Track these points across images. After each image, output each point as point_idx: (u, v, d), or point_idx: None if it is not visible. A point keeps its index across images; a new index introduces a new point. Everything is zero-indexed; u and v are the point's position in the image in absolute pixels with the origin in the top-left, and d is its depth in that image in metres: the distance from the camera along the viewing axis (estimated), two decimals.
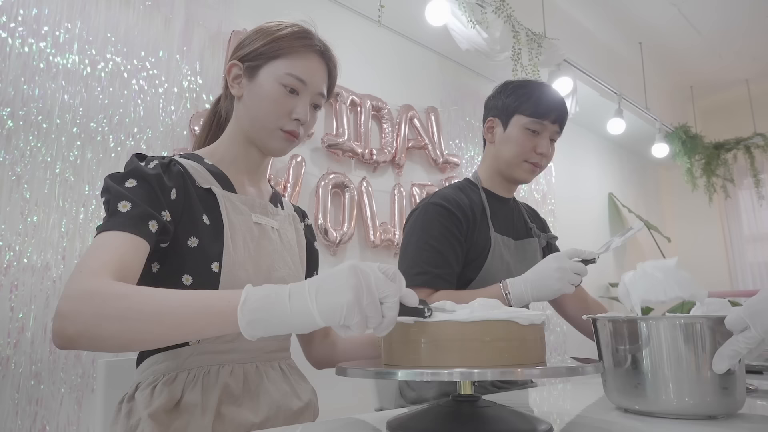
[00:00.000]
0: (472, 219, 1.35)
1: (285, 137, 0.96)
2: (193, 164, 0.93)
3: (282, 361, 0.98)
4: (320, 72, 0.98)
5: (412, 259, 1.29)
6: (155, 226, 0.78)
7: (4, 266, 1.59)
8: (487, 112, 1.48)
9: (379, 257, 2.69)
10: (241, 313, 0.60)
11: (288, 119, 0.95)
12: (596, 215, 4.56)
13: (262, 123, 0.95)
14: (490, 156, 1.46)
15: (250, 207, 0.97)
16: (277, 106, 0.94)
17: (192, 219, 0.87)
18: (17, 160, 1.65)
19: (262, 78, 0.95)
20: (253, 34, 0.99)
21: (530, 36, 3.07)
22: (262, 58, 0.95)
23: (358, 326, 0.58)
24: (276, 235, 1.00)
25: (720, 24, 4.20)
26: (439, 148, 3.06)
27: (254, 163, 1.02)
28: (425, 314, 0.64)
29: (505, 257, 1.38)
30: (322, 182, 2.48)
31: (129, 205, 0.77)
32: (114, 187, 0.80)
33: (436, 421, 0.67)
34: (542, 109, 1.37)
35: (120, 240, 0.74)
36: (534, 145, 1.38)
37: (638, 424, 0.72)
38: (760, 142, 4.86)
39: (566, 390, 1.12)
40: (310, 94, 0.97)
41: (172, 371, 0.85)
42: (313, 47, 0.98)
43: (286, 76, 0.94)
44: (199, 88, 2.14)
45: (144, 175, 0.82)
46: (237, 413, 0.84)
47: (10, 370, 1.54)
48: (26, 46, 1.72)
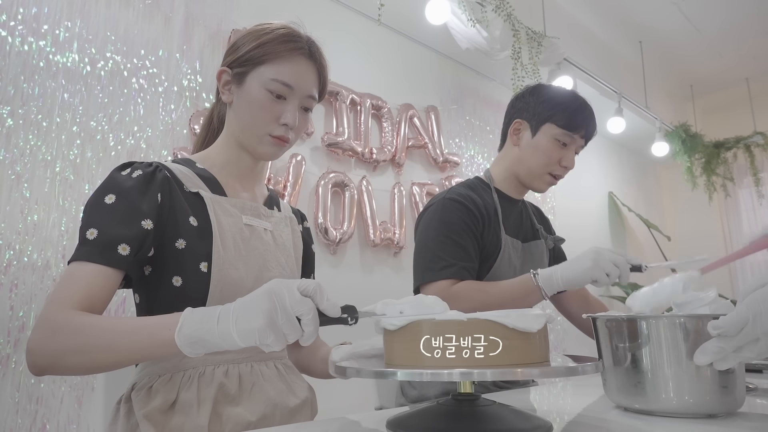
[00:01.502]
0: (486, 218, 1.33)
1: (274, 142, 0.96)
2: (182, 169, 0.94)
3: (277, 361, 0.99)
4: (308, 75, 0.97)
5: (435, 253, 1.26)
6: (126, 249, 0.80)
7: (4, 265, 1.59)
8: (514, 113, 1.43)
9: (378, 256, 2.69)
10: (178, 339, 0.66)
11: (276, 124, 0.95)
12: (596, 214, 4.56)
13: (250, 129, 0.96)
14: (511, 158, 1.41)
15: (240, 209, 0.97)
16: (264, 112, 0.94)
17: (178, 222, 0.88)
18: (17, 158, 1.65)
19: (249, 84, 0.95)
20: (242, 38, 0.99)
21: (530, 35, 3.07)
22: (249, 64, 0.95)
23: (276, 344, 0.64)
24: (269, 236, 1.00)
25: (720, 23, 4.20)
26: (439, 147, 3.06)
27: (247, 167, 1.02)
28: (349, 322, 0.67)
29: (513, 260, 1.36)
30: (321, 181, 2.48)
31: (95, 232, 0.79)
32: (87, 211, 0.83)
33: (436, 420, 0.67)
34: (577, 122, 1.33)
35: (87, 270, 0.78)
36: (560, 157, 1.35)
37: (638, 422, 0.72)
38: (760, 140, 4.86)
39: (566, 389, 1.12)
40: (298, 98, 0.96)
41: (168, 372, 0.86)
42: (300, 50, 0.96)
43: (272, 82, 0.93)
44: (199, 87, 2.14)
45: (122, 187, 0.84)
46: (233, 412, 0.85)
47: (10, 368, 1.54)
48: (26, 44, 1.72)
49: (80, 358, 0.71)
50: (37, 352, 0.73)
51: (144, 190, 0.85)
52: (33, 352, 0.73)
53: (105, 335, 0.71)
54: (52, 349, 0.72)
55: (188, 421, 0.81)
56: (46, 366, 0.73)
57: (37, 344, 0.73)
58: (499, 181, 1.44)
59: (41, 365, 0.73)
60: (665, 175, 5.68)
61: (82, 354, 0.71)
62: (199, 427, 0.81)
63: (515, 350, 0.64)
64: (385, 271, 2.70)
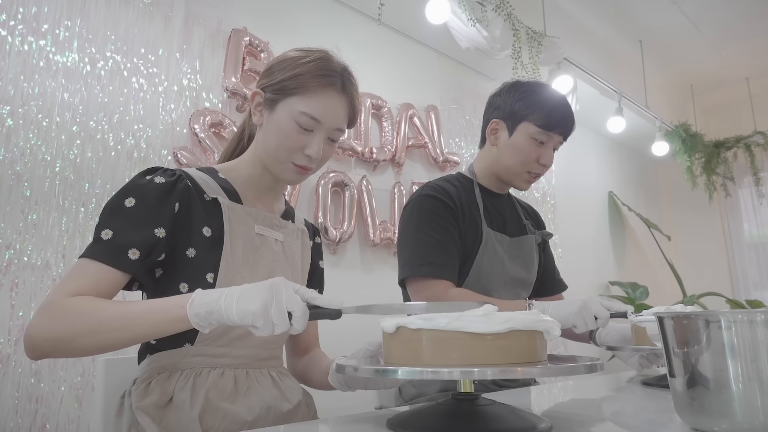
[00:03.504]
0: (462, 210, 1.35)
1: (296, 170, 0.99)
2: (204, 177, 0.97)
3: (272, 369, 1.01)
4: (339, 109, 0.99)
5: (413, 251, 1.30)
6: (136, 254, 0.83)
7: (5, 265, 1.58)
8: (491, 112, 1.44)
9: (378, 255, 2.69)
10: (190, 311, 0.73)
11: (300, 154, 0.97)
12: (596, 214, 4.56)
13: (275, 155, 0.98)
14: (490, 157, 1.44)
15: (253, 218, 1.00)
16: (289, 141, 0.96)
17: (192, 232, 0.91)
18: (17, 158, 1.65)
19: (279, 112, 0.97)
20: (278, 63, 1.00)
21: (530, 34, 3.07)
22: (281, 93, 0.97)
23: (264, 329, 0.71)
24: (279, 246, 1.04)
25: (720, 22, 4.20)
26: (439, 146, 3.06)
27: (268, 185, 1.05)
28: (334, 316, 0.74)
29: (498, 252, 1.37)
30: (321, 181, 2.48)
31: (110, 233, 0.83)
32: (106, 210, 0.86)
33: (436, 420, 0.67)
34: (553, 121, 1.34)
35: (96, 268, 0.81)
36: (538, 155, 1.36)
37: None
38: (760, 140, 4.85)
39: (567, 388, 1.12)
40: (325, 131, 0.98)
41: (167, 370, 0.89)
42: (332, 85, 0.97)
43: (301, 115, 0.95)
44: (198, 87, 2.14)
45: (143, 192, 0.87)
46: (229, 408, 0.87)
47: (10, 368, 1.54)
48: (26, 44, 1.72)
49: (92, 339, 0.75)
50: (40, 336, 0.75)
51: (163, 198, 0.88)
52: (35, 337, 0.75)
53: (119, 315, 0.75)
54: (60, 332, 0.74)
55: (183, 415, 0.84)
56: (50, 349, 0.76)
57: (41, 329, 0.75)
58: (482, 177, 1.46)
59: (45, 349, 0.76)
60: (665, 174, 5.68)
61: (95, 334, 0.74)
62: (192, 420, 0.83)
63: (516, 350, 0.64)
64: (385, 270, 2.70)
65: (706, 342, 0.61)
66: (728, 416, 0.59)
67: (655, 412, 0.84)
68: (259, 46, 2.29)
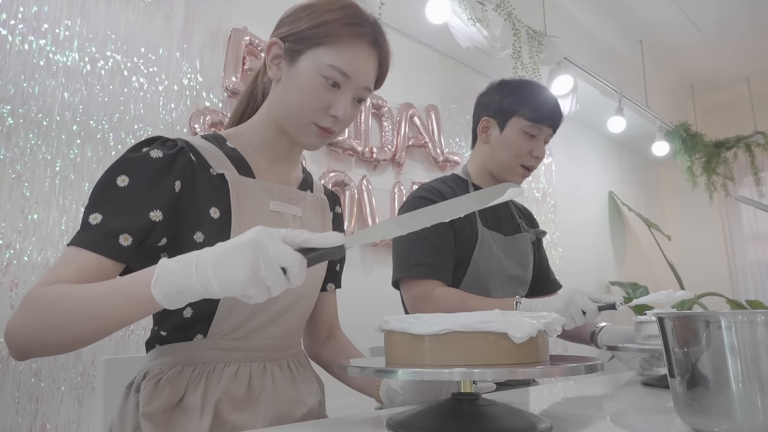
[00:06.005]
0: None
1: (319, 133, 0.88)
2: (209, 147, 0.87)
3: (292, 359, 0.94)
4: (369, 64, 0.88)
5: (405, 252, 1.32)
6: (128, 239, 0.74)
7: (5, 264, 1.58)
8: (480, 111, 1.47)
9: (378, 255, 2.69)
10: (155, 292, 0.61)
11: (325, 114, 0.87)
12: (596, 214, 4.56)
13: (296, 115, 0.87)
14: (483, 155, 1.45)
15: (268, 194, 0.90)
16: (314, 99, 0.85)
17: (198, 213, 0.82)
18: (17, 158, 1.65)
19: (302, 65, 0.85)
20: (300, 10, 0.88)
21: (531, 34, 3.07)
22: (305, 43, 0.85)
23: (258, 295, 0.59)
24: (297, 223, 0.94)
25: (720, 21, 4.20)
26: (439, 146, 3.06)
27: (283, 150, 0.95)
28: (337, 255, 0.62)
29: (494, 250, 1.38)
30: (322, 180, 2.48)
31: (99, 217, 0.74)
32: (95, 190, 0.77)
33: (436, 420, 0.67)
34: (542, 113, 1.37)
35: (83, 258, 0.72)
36: (530, 149, 1.38)
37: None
38: (760, 140, 4.86)
39: (567, 388, 1.12)
40: (353, 88, 0.87)
41: (179, 365, 0.83)
42: (364, 36, 0.86)
43: (329, 68, 0.84)
44: (199, 86, 2.14)
45: (139, 168, 0.78)
46: (237, 418, 0.82)
47: (10, 368, 1.54)
48: (26, 43, 1.72)
49: (59, 333, 0.66)
50: (14, 332, 0.68)
51: (161, 176, 0.78)
52: (11, 333, 0.68)
53: (82, 303, 0.65)
54: (28, 326, 0.67)
55: (190, 424, 0.79)
56: (25, 347, 0.68)
57: (14, 324, 0.68)
58: (476, 177, 1.48)
59: (21, 347, 0.68)
60: (665, 174, 5.68)
61: (60, 328, 0.66)
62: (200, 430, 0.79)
63: (517, 350, 0.64)
64: (385, 270, 2.69)
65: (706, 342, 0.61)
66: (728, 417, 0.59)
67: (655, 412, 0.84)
68: (259, 45, 2.29)
